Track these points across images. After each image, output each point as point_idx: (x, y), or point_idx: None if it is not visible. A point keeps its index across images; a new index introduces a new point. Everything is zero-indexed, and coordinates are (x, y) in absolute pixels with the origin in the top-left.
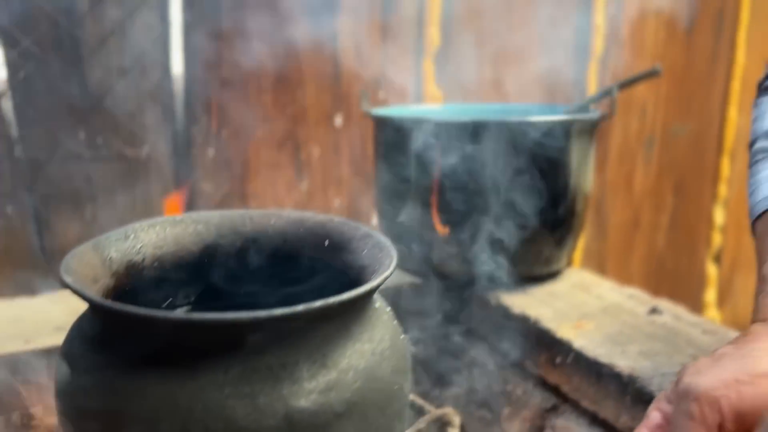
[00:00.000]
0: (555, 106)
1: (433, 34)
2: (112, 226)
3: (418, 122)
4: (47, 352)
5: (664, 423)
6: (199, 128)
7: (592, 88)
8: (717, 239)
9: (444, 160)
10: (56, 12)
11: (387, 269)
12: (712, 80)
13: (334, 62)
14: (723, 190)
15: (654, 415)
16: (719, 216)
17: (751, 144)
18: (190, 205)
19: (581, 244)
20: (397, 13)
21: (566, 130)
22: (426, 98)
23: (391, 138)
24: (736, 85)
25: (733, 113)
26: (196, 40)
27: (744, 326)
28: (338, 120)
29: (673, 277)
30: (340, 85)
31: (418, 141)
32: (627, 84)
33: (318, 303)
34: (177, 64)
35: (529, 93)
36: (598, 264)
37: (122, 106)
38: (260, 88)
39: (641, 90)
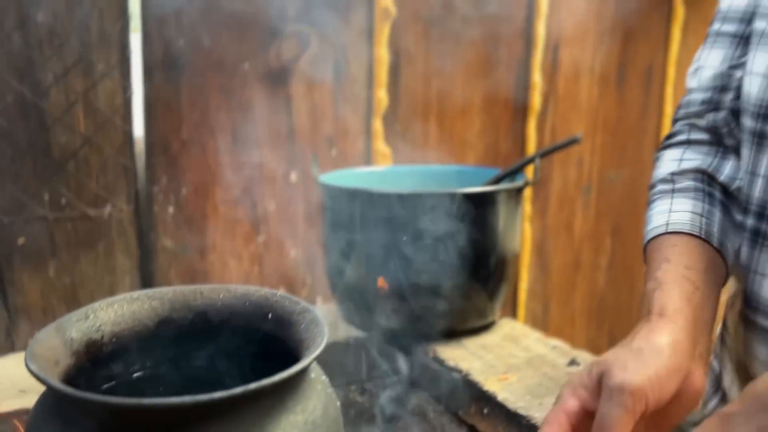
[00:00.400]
0: (489, 169)
1: (381, 96)
2: (75, 284)
3: (357, 192)
4: (12, 416)
5: (580, 410)
6: (159, 187)
7: (532, 141)
8: None
9: (381, 226)
10: (22, 85)
11: (318, 347)
12: (643, 131)
13: (288, 123)
14: None
15: (571, 401)
16: None
17: (651, 188)
18: (152, 262)
19: (526, 284)
20: (348, 77)
21: (493, 198)
22: (375, 155)
23: (334, 203)
24: (665, 133)
25: None
26: (156, 105)
27: None
28: (293, 176)
29: (613, 313)
30: (294, 144)
31: (357, 208)
32: (548, 152)
33: (253, 385)
34: (138, 128)
35: (474, 145)
36: (543, 303)
37: (86, 169)
38: (217, 149)
39: None
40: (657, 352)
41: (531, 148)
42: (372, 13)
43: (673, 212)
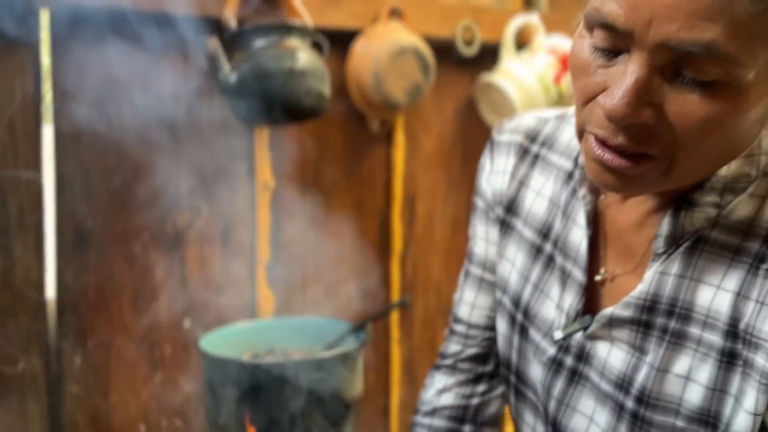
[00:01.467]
0: (341, 322)
1: (264, 250)
2: None
3: (218, 360)
4: None
5: None
6: (68, 342)
7: (396, 280)
8: None
9: (241, 385)
10: None
11: None
12: None
13: (182, 278)
14: None
15: None
16: None
17: (416, 411)
18: (60, 406)
19: (397, 398)
20: (234, 237)
21: (334, 360)
22: (260, 300)
23: (203, 362)
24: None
25: None
26: (67, 274)
27: None
28: (186, 323)
29: None
30: (188, 296)
31: (223, 371)
32: (380, 315)
33: None
34: (50, 291)
35: (345, 284)
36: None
37: (2, 334)
38: (120, 305)
39: (436, 272)
40: None
41: (395, 284)
42: (254, 186)
43: None
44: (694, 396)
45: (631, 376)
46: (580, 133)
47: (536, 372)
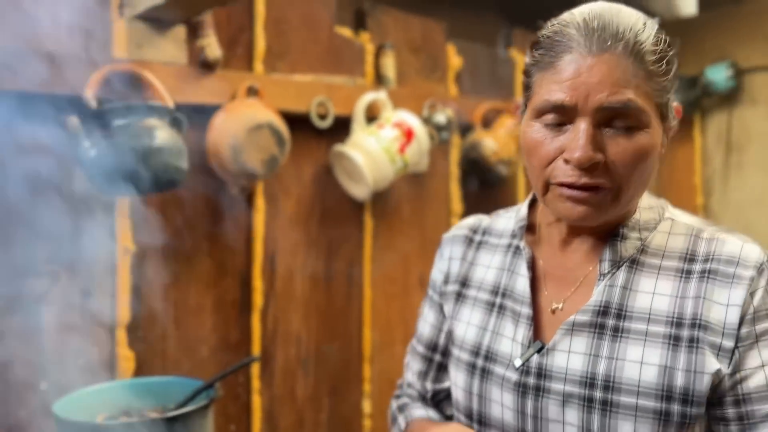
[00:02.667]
0: (196, 380)
1: (124, 310)
2: None
3: (72, 424)
4: None
5: None
6: None
7: (257, 332)
8: (368, 424)
9: None
10: None
11: None
12: (349, 312)
13: (39, 342)
14: (367, 387)
15: None
16: (367, 406)
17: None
18: None
19: None
20: (95, 300)
21: (183, 417)
22: (120, 359)
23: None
24: (367, 313)
25: (367, 332)
26: None
27: None
28: (43, 386)
29: None
30: (46, 357)
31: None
32: (228, 373)
33: None
34: None
35: (207, 340)
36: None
37: None
38: None
39: (296, 324)
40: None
41: (256, 336)
42: (115, 250)
43: (430, 415)
44: (650, 375)
45: (593, 371)
46: (545, 189)
47: (507, 401)
